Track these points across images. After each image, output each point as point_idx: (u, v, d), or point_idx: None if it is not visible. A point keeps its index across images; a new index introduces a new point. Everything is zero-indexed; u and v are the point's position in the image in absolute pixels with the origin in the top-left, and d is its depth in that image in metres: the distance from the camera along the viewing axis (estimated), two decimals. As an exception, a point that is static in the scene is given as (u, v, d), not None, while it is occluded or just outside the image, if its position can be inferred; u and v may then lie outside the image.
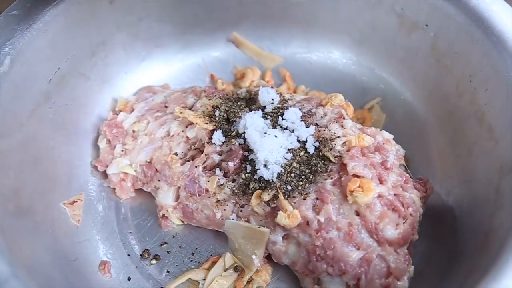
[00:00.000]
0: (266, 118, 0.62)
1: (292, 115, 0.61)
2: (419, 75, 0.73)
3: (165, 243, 0.65)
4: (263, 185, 0.58)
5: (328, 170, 0.57)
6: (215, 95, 0.68)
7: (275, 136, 0.59)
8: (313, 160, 0.58)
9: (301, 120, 0.62)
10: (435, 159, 0.69)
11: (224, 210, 0.60)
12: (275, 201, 0.57)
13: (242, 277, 0.60)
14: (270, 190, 0.57)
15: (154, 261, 0.63)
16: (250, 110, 0.64)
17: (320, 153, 0.59)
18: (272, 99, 0.64)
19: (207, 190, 0.60)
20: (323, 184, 0.56)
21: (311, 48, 0.81)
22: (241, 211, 0.60)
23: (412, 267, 0.55)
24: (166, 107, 0.69)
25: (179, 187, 0.62)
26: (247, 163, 0.59)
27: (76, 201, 0.65)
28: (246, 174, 0.59)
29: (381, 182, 0.56)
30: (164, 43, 0.78)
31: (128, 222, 0.67)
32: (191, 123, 0.64)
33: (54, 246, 0.58)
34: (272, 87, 0.67)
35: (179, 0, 0.75)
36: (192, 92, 0.70)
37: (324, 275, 0.55)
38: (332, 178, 0.57)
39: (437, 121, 0.70)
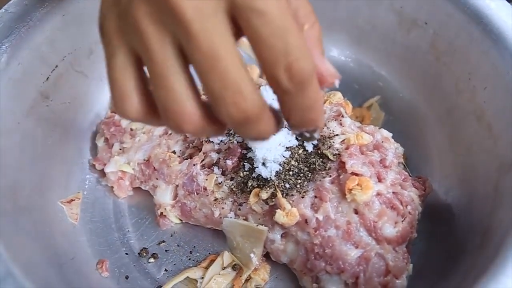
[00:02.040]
0: (265, 116, 0.62)
1: (291, 113, 0.61)
2: (418, 73, 0.73)
3: (163, 241, 0.64)
4: (261, 183, 0.57)
5: (327, 168, 0.57)
6: (214, 93, 0.67)
7: (274, 134, 0.58)
8: (312, 158, 0.58)
9: (300, 118, 0.61)
10: (434, 157, 0.69)
11: (222, 208, 0.60)
12: (274, 199, 0.56)
13: (241, 276, 0.60)
14: (268, 188, 0.56)
15: (152, 260, 0.63)
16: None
17: (319, 151, 0.58)
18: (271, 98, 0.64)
19: (205, 189, 0.60)
20: (322, 182, 0.56)
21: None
22: (239, 209, 0.59)
23: (410, 265, 0.55)
24: (164, 105, 0.69)
25: (177, 186, 0.62)
26: (245, 161, 0.59)
27: (74, 200, 0.64)
28: (244, 172, 0.59)
29: (379, 180, 0.56)
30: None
31: (126, 221, 0.66)
32: (189, 121, 0.64)
33: (52, 244, 0.58)
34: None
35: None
36: (191, 90, 0.70)
37: (323, 274, 0.55)
38: (330, 176, 0.56)
39: (436, 119, 0.70)
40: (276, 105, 0.63)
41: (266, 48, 0.34)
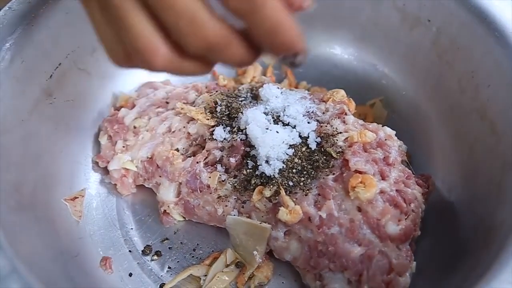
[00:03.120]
0: (268, 114, 0.62)
1: (294, 111, 0.61)
2: (421, 71, 0.73)
3: (167, 239, 0.65)
4: (264, 181, 0.57)
5: (330, 166, 0.57)
6: (217, 91, 0.68)
7: (277, 132, 0.58)
8: (315, 156, 0.58)
9: (303, 116, 0.61)
10: (437, 155, 0.69)
11: (226, 206, 0.60)
12: (277, 197, 0.57)
13: (244, 273, 0.60)
14: (271, 186, 0.56)
15: (155, 257, 0.63)
16: (252, 106, 0.64)
17: (322, 148, 0.58)
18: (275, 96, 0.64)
19: (208, 186, 0.60)
20: (325, 180, 0.56)
21: (313, 44, 0.81)
22: (243, 207, 0.59)
23: (414, 263, 0.55)
24: (167, 103, 0.69)
25: (180, 183, 0.62)
26: (249, 159, 0.59)
27: (78, 197, 0.64)
28: (248, 170, 0.59)
29: (383, 178, 0.56)
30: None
31: (129, 218, 0.66)
32: (192, 119, 0.64)
33: (55, 242, 0.58)
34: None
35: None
36: (194, 88, 0.70)
37: (326, 271, 0.55)
38: (334, 174, 0.56)
39: (439, 117, 0.70)
40: (278, 103, 0.63)
41: None
